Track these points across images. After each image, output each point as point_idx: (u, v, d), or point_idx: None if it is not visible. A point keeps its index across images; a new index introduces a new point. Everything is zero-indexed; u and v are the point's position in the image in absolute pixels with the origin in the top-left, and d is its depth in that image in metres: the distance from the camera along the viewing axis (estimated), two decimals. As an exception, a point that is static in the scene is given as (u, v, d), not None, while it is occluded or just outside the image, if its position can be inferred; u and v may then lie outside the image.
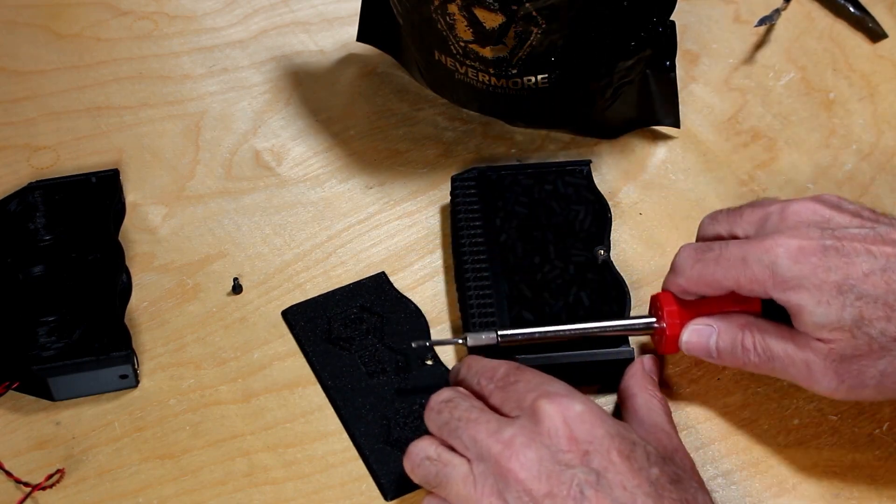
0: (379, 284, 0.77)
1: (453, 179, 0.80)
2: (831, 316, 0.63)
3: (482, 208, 0.78)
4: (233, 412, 0.72)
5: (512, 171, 0.80)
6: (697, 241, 0.72)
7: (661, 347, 0.71)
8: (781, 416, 0.72)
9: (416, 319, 0.75)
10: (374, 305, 0.76)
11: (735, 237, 0.69)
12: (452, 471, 0.62)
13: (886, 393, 0.65)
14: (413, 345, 0.71)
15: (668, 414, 0.68)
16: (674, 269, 0.70)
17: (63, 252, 0.76)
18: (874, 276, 0.63)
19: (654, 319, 0.71)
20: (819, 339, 0.64)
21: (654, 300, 0.72)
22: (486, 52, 0.78)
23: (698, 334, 0.69)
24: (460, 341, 0.71)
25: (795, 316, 0.65)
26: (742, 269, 0.65)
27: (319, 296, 0.77)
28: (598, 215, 0.78)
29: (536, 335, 0.71)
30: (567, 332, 0.71)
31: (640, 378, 0.70)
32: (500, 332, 0.70)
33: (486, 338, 0.70)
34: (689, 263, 0.68)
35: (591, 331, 0.71)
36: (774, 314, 0.67)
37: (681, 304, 0.70)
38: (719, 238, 0.70)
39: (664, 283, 0.71)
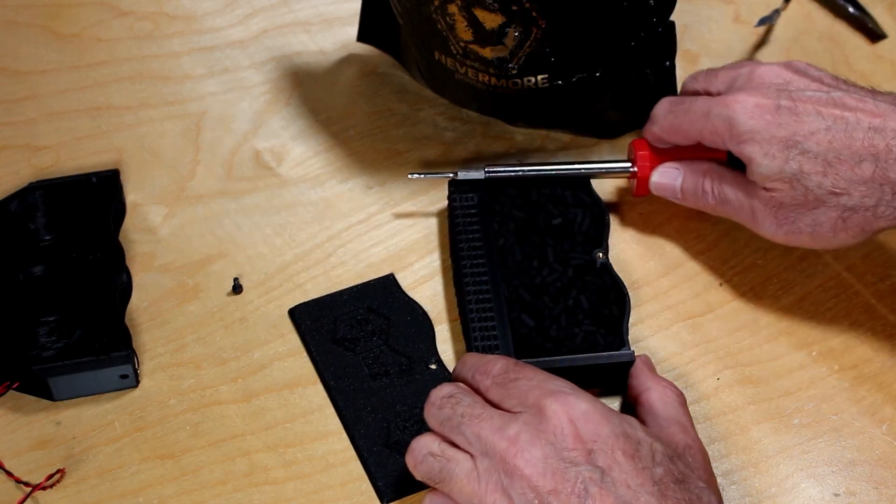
0: (387, 286, 0.77)
1: (450, 184, 0.80)
2: (774, 167, 0.71)
3: (480, 212, 0.78)
4: (233, 412, 0.72)
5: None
6: (680, 92, 0.81)
7: (634, 190, 0.80)
8: (781, 416, 0.72)
9: (422, 323, 0.75)
10: (381, 307, 0.76)
11: (709, 94, 0.77)
12: (456, 467, 0.62)
13: (819, 240, 0.72)
14: (409, 174, 0.80)
15: (684, 405, 0.68)
16: (651, 118, 0.78)
17: (63, 252, 0.76)
18: (818, 135, 0.70)
19: (629, 164, 0.80)
20: (764, 188, 0.72)
21: (631, 147, 0.80)
22: (486, 53, 0.78)
23: (666, 176, 0.78)
24: (451, 174, 0.79)
25: (747, 166, 0.72)
26: (705, 121, 0.74)
27: (326, 295, 0.77)
28: (595, 218, 0.78)
29: (521, 172, 0.79)
30: (551, 171, 0.79)
31: (648, 372, 0.70)
32: (487, 168, 0.79)
33: (473, 173, 0.78)
34: (663, 113, 0.77)
35: (573, 170, 0.79)
36: (737, 166, 0.74)
37: (654, 150, 0.79)
38: (696, 94, 0.78)
39: (643, 131, 0.80)
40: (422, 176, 0.81)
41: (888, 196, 0.69)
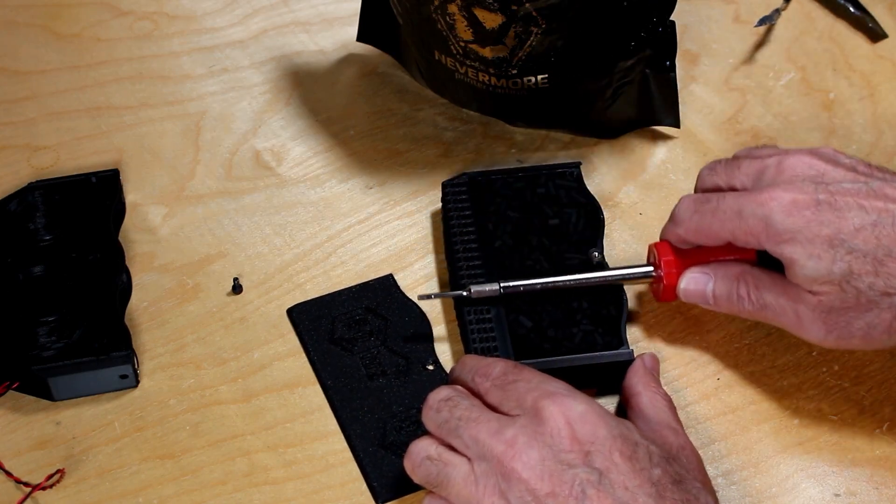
0: (386, 287, 0.77)
1: (444, 186, 0.79)
2: (821, 269, 0.65)
3: (474, 214, 0.78)
4: (233, 412, 0.72)
5: (502, 175, 0.80)
6: (696, 191, 0.73)
7: (660, 296, 0.74)
8: (781, 416, 0.72)
9: (420, 323, 0.75)
10: (380, 307, 0.76)
11: (733, 188, 0.70)
12: (453, 470, 0.61)
13: (873, 343, 0.66)
14: (419, 297, 0.75)
15: (674, 410, 0.68)
16: (673, 219, 0.72)
17: (63, 252, 0.76)
18: (865, 231, 0.64)
19: (651, 268, 0.74)
20: (809, 291, 0.66)
21: (652, 249, 0.74)
22: (486, 53, 0.78)
23: (696, 282, 0.72)
24: (465, 293, 0.73)
25: (788, 268, 0.66)
26: (738, 221, 0.67)
27: (326, 295, 0.77)
28: (590, 217, 0.78)
29: (538, 286, 0.73)
30: (568, 283, 0.73)
31: (642, 376, 0.70)
32: (502, 284, 0.73)
33: (489, 289, 0.72)
34: (687, 214, 0.70)
35: (591, 280, 0.74)
36: (769, 263, 0.69)
37: (677, 253, 0.72)
38: (717, 189, 0.71)
39: (662, 232, 0.73)
40: (432, 298, 0.75)
41: None
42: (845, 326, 0.66)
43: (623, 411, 0.70)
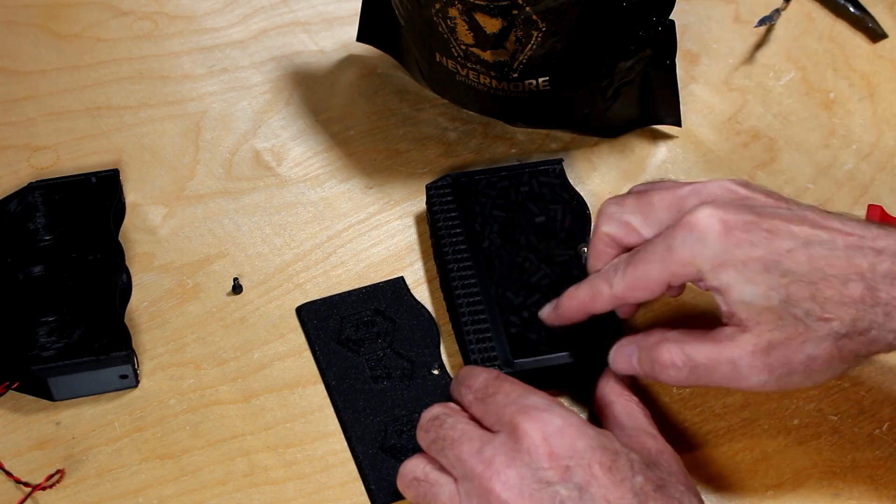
0: (396, 289, 0.77)
1: (428, 188, 0.79)
2: (758, 295, 0.60)
3: (460, 215, 0.77)
4: (233, 412, 0.72)
5: (485, 175, 0.80)
6: (603, 225, 0.68)
7: None
8: (781, 416, 0.72)
9: (427, 327, 0.75)
10: (389, 310, 0.76)
11: (647, 220, 0.66)
12: (439, 490, 0.62)
13: (814, 377, 0.62)
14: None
15: (649, 416, 0.68)
16: (604, 276, 0.66)
17: (63, 252, 0.76)
18: (797, 253, 0.60)
19: None
20: (746, 326, 0.61)
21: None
22: (487, 56, 0.78)
23: (623, 357, 0.67)
24: None
25: (724, 295, 0.62)
26: (669, 256, 0.62)
27: (335, 295, 0.76)
28: (576, 213, 0.78)
29: None
30: None
31: (613, 385, 0.69)
32: None
33: None
34: (618, 271, 0.65)
35: None
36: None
37: (884, 217, 0.79)
38: (629, 225, 0.67)
39: (588, 295, 0.67)
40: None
41: (880, 318, 0.60)
42: (786, 363, 0.61)
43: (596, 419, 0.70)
